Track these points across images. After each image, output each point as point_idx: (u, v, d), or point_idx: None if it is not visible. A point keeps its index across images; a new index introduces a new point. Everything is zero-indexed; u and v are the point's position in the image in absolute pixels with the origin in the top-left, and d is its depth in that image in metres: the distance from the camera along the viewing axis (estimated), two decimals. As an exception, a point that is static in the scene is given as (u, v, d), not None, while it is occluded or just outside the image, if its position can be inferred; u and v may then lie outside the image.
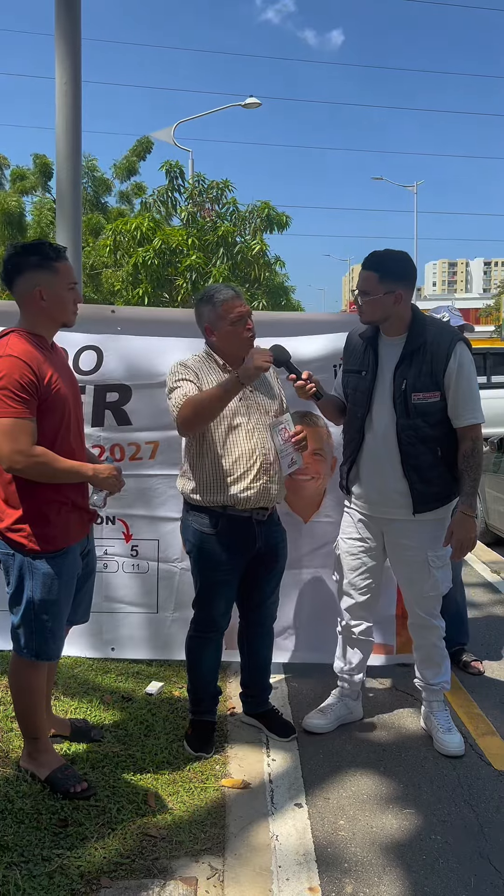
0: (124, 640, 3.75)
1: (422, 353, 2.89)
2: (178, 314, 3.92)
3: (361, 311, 2.96)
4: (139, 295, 13.12)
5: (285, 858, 2.44)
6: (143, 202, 15.54)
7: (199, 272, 12.88)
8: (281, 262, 14.31)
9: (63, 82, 4.04)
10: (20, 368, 2.36)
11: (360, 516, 3.14)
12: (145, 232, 13.28)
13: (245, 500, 2.85)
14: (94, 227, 17.05)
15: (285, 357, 2.97)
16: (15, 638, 2.58)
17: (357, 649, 3.28)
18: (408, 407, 2.89)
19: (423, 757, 3.05)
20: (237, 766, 2.97)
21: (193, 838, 2.50)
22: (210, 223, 13.82)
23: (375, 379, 2.97)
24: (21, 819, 2.51)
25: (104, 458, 3.54)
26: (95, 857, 2.36)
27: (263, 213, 13.95)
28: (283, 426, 2.84)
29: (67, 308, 2.56)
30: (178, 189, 14.52)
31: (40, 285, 2.47)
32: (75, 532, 2.60)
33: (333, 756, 3.05)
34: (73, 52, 4.05)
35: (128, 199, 18.80)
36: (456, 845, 2.51)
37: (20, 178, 18.31)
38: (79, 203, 4.20)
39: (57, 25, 4.08)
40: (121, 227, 13.82)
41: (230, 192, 14.25)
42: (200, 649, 3.06)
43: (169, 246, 13.02)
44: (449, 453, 2.98)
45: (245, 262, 13.56)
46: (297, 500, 3.72)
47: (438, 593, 3.12)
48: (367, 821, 2.64)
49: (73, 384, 2.66)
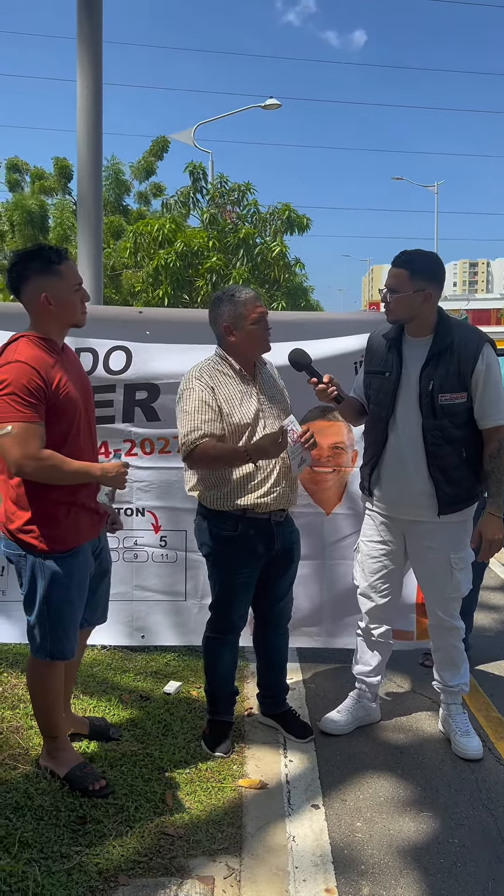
0: (154, 628, 3.83)
1: (449, 353, 2.89)
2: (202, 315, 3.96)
3: (389, 309, 2.94)
4: (159, 296, 13.17)
5: (302, 859, 2.44)
6: (164, 203, 15.58)
7: (220, 274, 12.90)
8: (301, 264, 14.29)
9: (84, 86, 4.07)
10: (28, 374, 2.38)
11: (382, 519, 3.14)
12: (166, 234, 13.32)
13: (266, 504, 2.86)
14: (115, 229, 17.12)
15: (306, 360, 2.97)
16: (31, 639, 2.61)
17: (376, 651, 3.28)
18: (434, 408, 2.89)
19: (440, 760, 3.04)
20: (254, 766, 2.97)
21: (210, 837, 2.51)
22: (231, 225, 13.84)
23: (400, 380, 2.97)
24: (40, 816, 2.53)
25: (134, 452, 3.67)
26: (113, 855, 2.38)
27: (284, 215, 13.95)
28: (290, 428, 2.85)
29: (76, 309, 2.57)
30: (200, 191, 14.56)
31: (46, 291, 2.48)
32: (85, 532, 2.62)
33: (351, 758, 3.05)
34: (94, 57, 4.08)
35: (146, 200, 18.85)
36: (474, 849, 2.50)
37: (39, 178, 18.43)
38: (100, 206, 4.23)
39: (79, 31, 4.11)
40: (142, 229, 13.88)
41: (251, 194, 14.28)
42: (218, 650, 3.07)
43: (190, 248, 13.06)
44: (474, 454, 2.97)
45: (265, 264, 13.57)
46: (319, 492, 3.78)
47: (459, 595, 3.11)
48: (384, 823, 2.64)
49: (85, 386, 2.67)
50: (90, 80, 4.08)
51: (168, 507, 3.75)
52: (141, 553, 3.78)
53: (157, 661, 3.82)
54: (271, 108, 19.84)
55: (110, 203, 17.92)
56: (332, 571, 3.80)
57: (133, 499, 3.75)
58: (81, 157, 4.15)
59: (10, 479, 2.53)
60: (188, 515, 3.68)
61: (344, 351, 3.57)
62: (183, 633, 3.82)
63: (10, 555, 2.59)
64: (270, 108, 19.85)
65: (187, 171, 14.27)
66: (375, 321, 3.13)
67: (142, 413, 3.68)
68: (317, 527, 3.79)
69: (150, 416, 3.69)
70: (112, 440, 3.69)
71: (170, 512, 3.75)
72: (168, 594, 3.80)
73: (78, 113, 4.12)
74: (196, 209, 14.71)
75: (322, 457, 3.79)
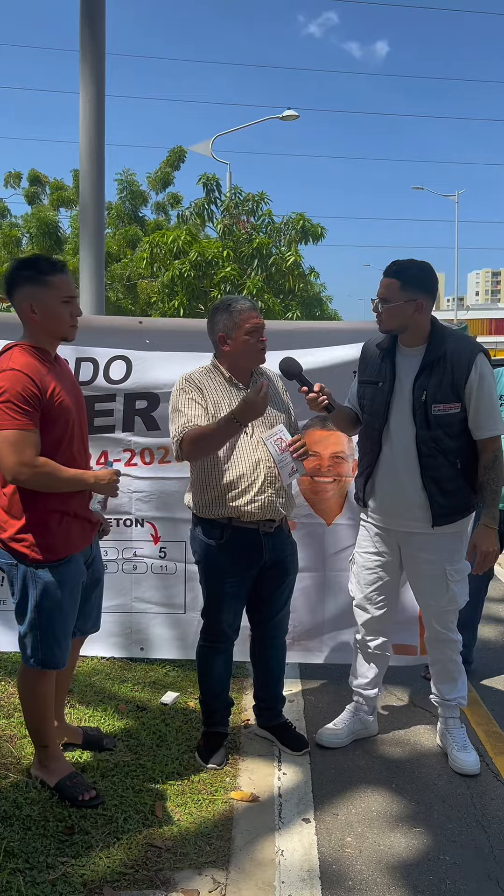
0: (153, 641, 3.82)
1: (442, 363, 2.86)
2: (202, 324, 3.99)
3: (381, 319, 2.93)
4: (175, 306, 13.26)
5: (289, 874, 2.42)
6: (180, 215, 15.70)
7: (234, 284, 12.96)
8: (315, 273, 14.31)
9: (87, 99, 4.11)
10: (22, 381, 2.40)
11: (377, 530, 3.11)
12: (182, 245, 13.41)
13: (250, 513, 2.85)
14: (132, 239, 17.28)
15: (297, 369, 2.96)
16: (22, 647, 2.62)
17: (373, 664, 3.25)
18: (428, 418, 2.86)
19: (436, 775, 3.00)
20: (247, 778, 2.95)
21: (198, 850, 2.49)
22: (245, 235, 13.90)
23: (393, 390, 2.95)
24: (28, 825, 2.53)
25: (134, 462, 3.66)
26: (99, 866, 2.37)
27: (298, 225, 13.99)
28: (277, 436, 2.83)
29: (62, 321, 2.56)
30: (214, 202, 14.65)
31: (32, 300, 2.50)
32: (78, 541, 2.63)
33: (345, 771, 3.02)
34: (96, 69, 4.12)
35: (164, 210, 19.00)
36: (465, 866, 2.46)
37: (58, 189, 18.67)
38: (102, 217, 4.26)
39: (81, 44, 4.15)
40: (158, 240, 13.99)
41: (266, 204, 14.34)
42: (210, 659, 3.06)
43: (205, 258, 13.14)
44: (468, 465, 2.94)
45: (279, 274, 13.60)
46: (319, 502, 3.76)
47: (456, 607, 3.07)
48: (375, 838, 2.60)
49: (77, 395, 2.69)
50: (93, 92, 4.12)
51: (167, 517, 3.74)
52: (140, 564, 3.78)
53: (155, 671, 3.81)
54: (289, 119, 19.92)
55: (126, 214, 18.09)
56: (334, 583, 3.76)
57: (132, 509, 3.75)
58: (84, 168, 4.19)
59: (2, 488, 2.54)
60: (188, 526, 3.69)
61: (342, 360, 3.56)
62: (182, 646, 3.79)
63: (2, 563, 2.60)
64: (288, 119, 19.94)
65: (200, 183, 14.36)
66: (372, 330, 3.12)
67: (142, 422, 3.69)
68: (318, 537, 3.77)
69: (149, 426, 3.69)
70: (112, 449, 3.70)
71: (169, 522, 3.74)
72: (167, 606, 3.79)
73: (80, 124, 4.16)
74: (211, 220, 14.81)
75: (322, 467, 3.77)
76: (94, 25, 4.17)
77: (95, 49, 4.14)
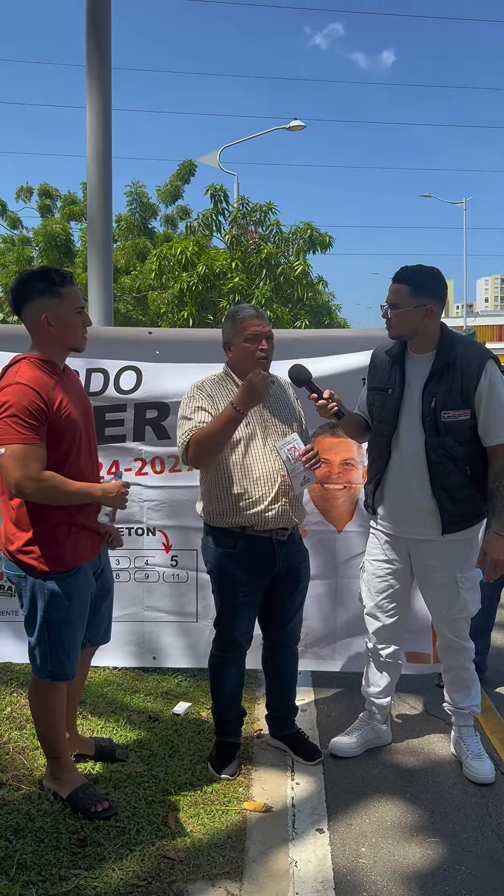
0: (165, 650, 3.82)
1: (452, 370, 2.85)
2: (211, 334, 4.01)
3: (390, 325, 2.93)
4: (184, 317, 13.31)
5: (303, 885, 2.40)
6: (188, 226, 15.78)
7: (243, 294, 13.00)
8: (324, 282, 14.33)
9: (94, 112, 4.15)
10: (29, 395, 2.41)
11: (387, 537, 3.10)
12: (190, 257, 13.47)
13: (265, 522, 2.85)
14: (141, 252, 17.37)
15: (306, 376, 2.96)
16: (32, 659, 2.62)
17: (385, 672, 3.23)
18: (437, 425, 2.85)
19: (451, 784, 2.97)
20: (260, 788, 2.94)
21: (212, 862, 2.48)
22: (254, 245, 13.95)
23: (402, 396, 2.94)
24: (41, 838, 2.52)
25: (145, 471, 3.67)
26: (112, 879, 2.36)
27: (306, 234, 14.03)
28: (291, 445, 2.83)
29: (76, 333, 2.59)
30: (222, 213, 14.72)
31: (47, 311, 2.51)
32: (86, 552, 2.63)
33: (359, 781, 2.99)
34: (103, 82, 4.16)
35: (173, 223, 19.09)
36: (480, 876, 2.43)
37: (70, 203, 18.81)
38: (109, 229, 4.29)
39: (88, 57, 4.20)
40: (166, 252, 14.06)
41: (273, 214, 14.39)
42: (222, 669, 3.05)
43: (213, 269, 13.19)
44: (478, 472, 2.92)
45: (288, 283, 13.64)
46: (330, 509, 3.75)
47: (468, 615, 3.05)
48: (390, 849, 2.58)
49: (85, 407, 2.69)
50: (99, 105, 4.16)
51: (179, 525, 3.74)
52: (152, 573, 3.78)
53: (167, 681, 3.80)
54: (296, 130, 20.00)
55: (136, 226, 18.19)
56: (346, 590, 3.75)
57: (144, 518, 3.75)
58: (91, 181, 4.22)
59: (10, 500, 2.55)
60: (199, 534, 3.69)
61: (351, 367, 3.55)
62: (194, 655, 3.78)
63: (10, 576, 2.61)
64: (295, 130, 20.02)
65: (208, 195, 14.44)
66: (381, 337, 3.12)
67: (152, 432, 3.71)
68: (329, 544, 3.77)
69: (160, 435, 3.70)
70: (123, 459, 3.71)
71: (181, 531, 3.75)
72: (179, 615, 3.78)
73: (88, 138, 4.20)
74: (219, 231, 14.87)
75: (332, 473, 3.77)
76: (99, 39, 4.21)
77: (101, 62, 4.18)
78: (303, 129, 19.91)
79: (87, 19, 4.28)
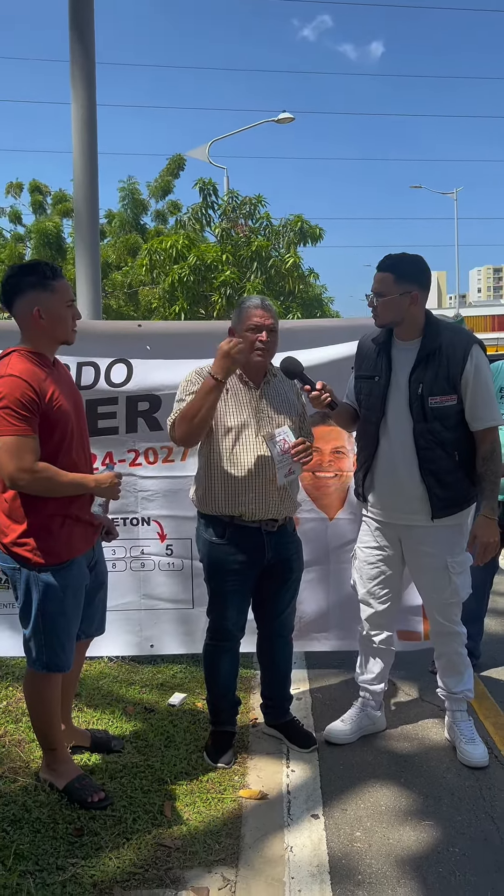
0: (162, 637, 3.85)
1: (437, 356, 2.87)
2: (200, 326, 4.03)
3: (377, 313, 2.94)
4: (175, 311, 13.30)
5: (298, 870, 2.42)
6: (178, 220, 15.74)
7: (234, 287, 12.99)
8: (315, 275, 14.32)
9: (78, 106, 4.13)
10: (21, 387, 2.41)
11: (377, 524, 3.12)
12: (180, 250, 13.45)
13: (253, 512, 2.86)
14: (132, 247, 17.33)
15: (298, 368, 2.97)
16: (27, 651, 2.63)
17: (378, 659, 3.25)
18: (425, 411, 2.87)
19: (445, 768, 3.00)
20: (256, 776, 2.95)
21: (207, 849, 2.50)
22: (244, 239, 13.94)
23: (389, 384, 2.96)
24: (37, 828, 2.54)
25: (139, 462, 3.71)
26: (109, 867, 2.37)
27: (296, 227, 14.01)
28: (281, 437, 2.84)
29: (67, 326, 2.60)
30: (211, 206, 14.69)
31: (38, 305, 2.52)
32: (79, 544, 2.64)
33: (353, 767, 3.02)
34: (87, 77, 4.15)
35: (163, 218, 19.05)
36: (474, 858, 2.46)
37: (62, 200, 18.75)
38: (96, 224, 4.28)
39: (72, 52, 4.18)
40: (156, 246, 14.03)
41: (263, 206, 14.37)
42: (216, 658, 3.07)
43: (204, 262, 13.17)
44: (466, 457, 2.94)
45: (279, 276, 13.63)
46: (321, 497, 3.79)
47: (459, 599, 3.07)
48: (384, 833, 2.60)
49: (76, 399, 2.70)
50: (84, 100, 4.15)
51: (173, 515, 3.77)
52: (147, 562, 3.81)
53: (163, 673, 3.82)
54: (284, 122, 19.96)
55: (128, 222, 18.15)
56: (338, 576, 3.79)
57: (138, 508, 3.77)
58: (78, 176, 4.21)
59: (3, 493, 2.56)
60: (193, 523, 3.71)
61: (340, 357, 3.57)
62: (192, 641, 3.81)
63: (5, 568, 2.62)
64: (284, 122, 19.98)
65: (197, 188, 14.41)
66: (368, 326, 3.13)
67: (144, 423, 3.73)
68: (320, 532, 3.80)
69: (152, 426, 3.72)
70: (117, 451, 3.73)
71: (175, 520, 3.78)
72: (175, 602, 3.82)
73: (73, 133, 4.19)
74: (209, 225, 14.85)
75: (324, 462, 3.79)
76: (82, 32, 4.19)
77: (85, 56, 4.16)
78: (291, 121, 19.89)
79: (70, 13, 4.27)
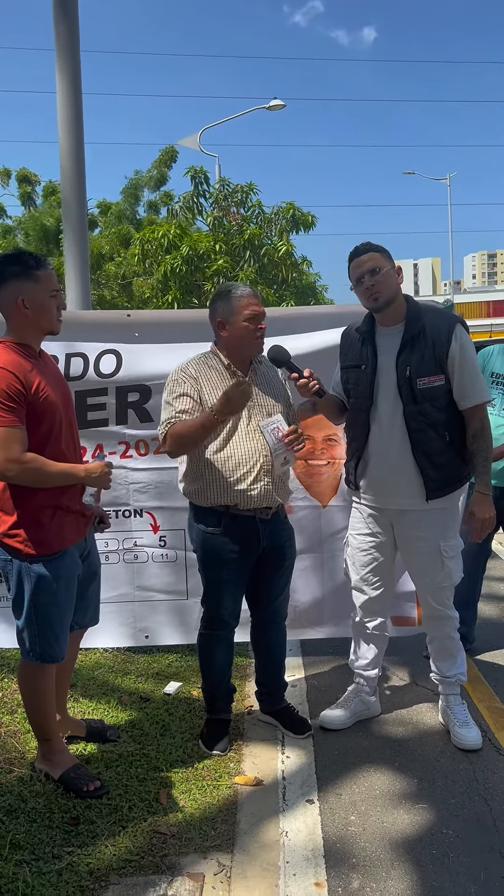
0: (157, 628, 3.85)
1: (422, 338, 2.88)
2: (190, 315, 4.02)
3: (377, 290, 2.88)
4: (168, 301, 13.25)
5: (294, 854, 2.43)
6: (170, 210, 15.67)
7: (227, 276, 12.95)
8: (308, 263, 14.28)
9: (64, 96, 4.10)
10: (7, 379, 2.40)
11: (370, 511, 3.13)
12: (172, 239, 13.39)
13: (248, 501, 2.86)
14: (125, 238, 17.26)
15: (285, 357, 2.97)
16: (20, 642, 2.64)
17: (372, 645, 3.27)
18: (414, 392, 2.87)
19: (439, 752, 3.01)
20: (251, 763, 2.97)
21: (203, 835, 2.51)
22: (236, 227, 13.88)
23: (377, 370, 2.96)
24: (34, 818, 2.55)
25: (130, 454, 3.70)
26: (105, 855, 2.39)
27: (289, 214, 13.96)
28: (275, 426, 2.84)
29: (51, 315, 2.58)
30: (203, 195, 14.62)
31: (22, 295, 2.50)
32: (71, 535, 2.64)
33: (348, 752, 3.03)
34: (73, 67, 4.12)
35: (156, 208, 18.97)
36: (468, 839, 2.48)
37: (53, 192, 18.64)
38: (84, 214, 4.26)
39: (57, 42, 4.15)
40: (148, 236, 13.97)
41: (255, 194, 14.30)
42: (211, 647, 3.08)
43: (196, 252, 13.12)
44: (457, 437, 2.95)
45: (272, 264, 13.58)
46: (314, 485, 3.78)
47: (451, 583, 3.08)
48: (379, 816, 2.62)
49: (63, 390, 2.69)
50: (70, 90, 4.12)
51: (166, 506, 3.77)
52: (141, 554, 3.80)
53: (158, 662, 3.84)
54: (276, 109, 19.86)
55: (126, 216, 18.07)
56: (332, 563, 3.80)
57: (130, 500, 3.77)
58: (65, 165, 4.18)
59: None
60: (186, 514, 3.71)
61: (327, 345, 3.55)
62: (186, 631, 3.82)
63: None
64: (275, 109, 19.88)
65: (188, 176, 14.34)
66: (355, 313, 3.12)
67: (135, 415, 3.71)
68: (314, 520, 3.80)
69: (143, 418, 3.71)
70: (107, 442, 3.72)
71: (168, 512, 3.77)
72: (170, 593, 3.82)
73: (59, 123, 4.15)
74: (201, 214, 14.78)
75: (316, 450, 3.79)
76: (68, 22, 4.16)
77: (70, 44, 4.13)
78: (283, 108, 19.78)
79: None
